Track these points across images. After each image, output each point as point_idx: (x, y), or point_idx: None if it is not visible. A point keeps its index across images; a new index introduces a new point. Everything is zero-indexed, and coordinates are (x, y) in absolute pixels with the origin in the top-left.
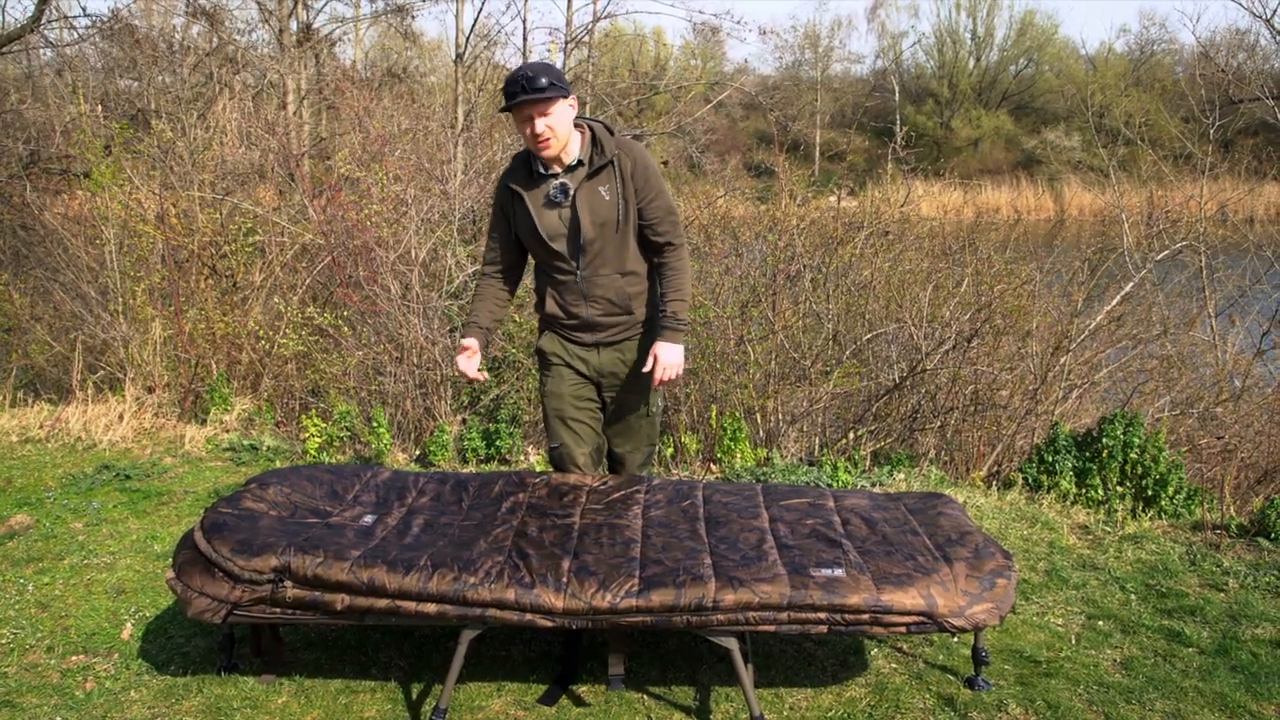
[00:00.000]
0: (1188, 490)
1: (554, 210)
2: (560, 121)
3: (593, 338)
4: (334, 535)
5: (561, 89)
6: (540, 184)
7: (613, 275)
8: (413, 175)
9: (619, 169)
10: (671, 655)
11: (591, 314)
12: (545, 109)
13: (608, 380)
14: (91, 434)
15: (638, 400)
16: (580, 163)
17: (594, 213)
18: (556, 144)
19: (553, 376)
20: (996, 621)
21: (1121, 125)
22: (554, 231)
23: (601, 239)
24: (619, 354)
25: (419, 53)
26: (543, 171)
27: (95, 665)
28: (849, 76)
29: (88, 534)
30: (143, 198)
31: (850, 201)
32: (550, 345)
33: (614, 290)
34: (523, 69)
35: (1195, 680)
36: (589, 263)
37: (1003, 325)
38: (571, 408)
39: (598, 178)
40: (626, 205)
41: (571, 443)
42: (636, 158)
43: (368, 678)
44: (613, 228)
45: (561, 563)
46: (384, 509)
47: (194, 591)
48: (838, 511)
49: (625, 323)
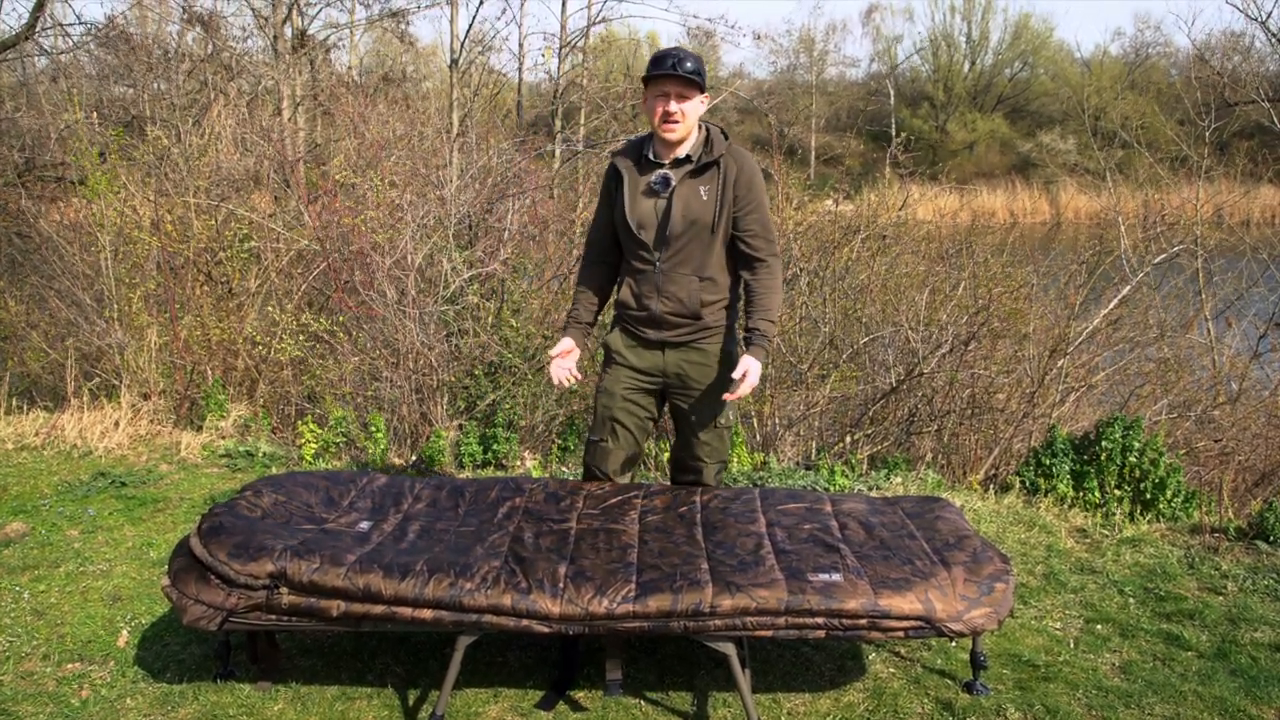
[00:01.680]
0: (1185, 493)
1: (651, 199)
2: (692, 111)
3: (657, 335)
4: (330, 541)
5: (704, 84)
6: (647, 171)
7: (691, 276)
8: (408, 181)
9: (723, 172)
10: (669, 660)
11: (661, 310)
12: (686, 93)
13: (675, 385)
14: (87, 441)
15: (710, 411)
16: (689, 158)
17: (688, 209)
18: (682, 129)
19: (610, 375)
20: (995, 626)
21: (1118, 128)
22: (644, 220)
23: (688, 236)
24: (685, 358)
25: (414, 58)
26: (651, 159)
27: (91, 673)
28: (844, 80)
29: (83, 541)
30: (138, 204)
31: (847, 205)
32: (616, 342)
33: (688, 292)
34: (679, 50)
35: (1194, 684)
36: (670, 257)
37: (1000, 328)
38: (620, 409)
39: (701, 176)
40: (722, 210)
41: (610, 443)
42: (743, 166)
43: (364, 684)
44: (703, 228)
45: (558, 568)
46: (380, 515)
47: (189, 599)
48: (835, 516)
49: (691, 326)
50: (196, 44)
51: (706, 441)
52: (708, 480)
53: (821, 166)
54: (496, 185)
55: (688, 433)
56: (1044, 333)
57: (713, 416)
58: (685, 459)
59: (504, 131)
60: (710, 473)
